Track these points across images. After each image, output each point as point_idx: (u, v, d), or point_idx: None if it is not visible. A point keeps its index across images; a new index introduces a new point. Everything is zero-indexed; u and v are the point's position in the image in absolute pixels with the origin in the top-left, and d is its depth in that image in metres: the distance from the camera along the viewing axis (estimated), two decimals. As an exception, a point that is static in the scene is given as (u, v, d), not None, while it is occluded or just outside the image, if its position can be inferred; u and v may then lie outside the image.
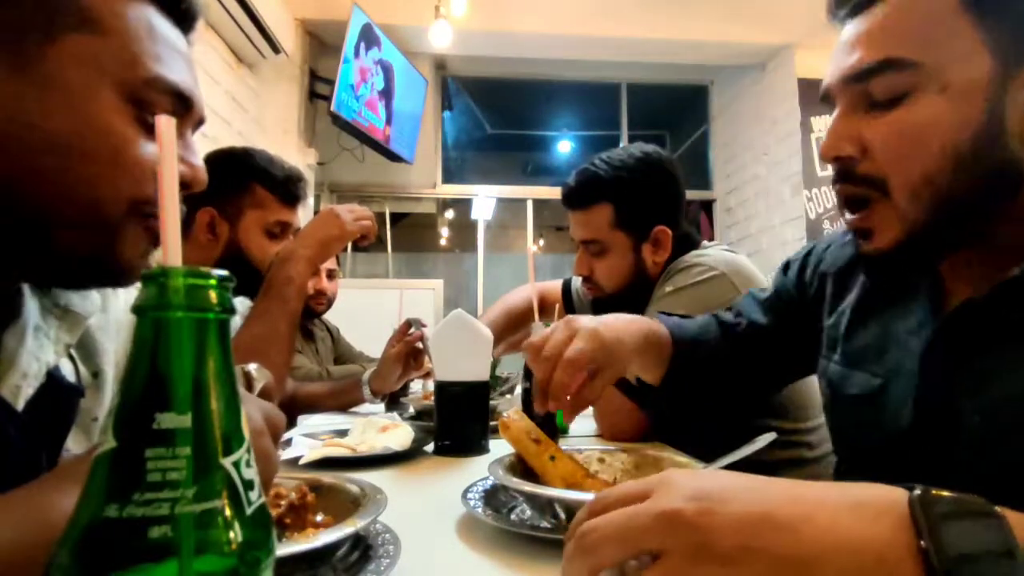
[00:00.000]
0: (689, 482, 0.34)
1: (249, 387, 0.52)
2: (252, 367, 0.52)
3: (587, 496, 0.58)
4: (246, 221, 1.17)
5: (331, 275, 2.09)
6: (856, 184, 0.56)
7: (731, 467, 0.65)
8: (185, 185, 0.52)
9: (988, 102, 0.50)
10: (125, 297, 0.65)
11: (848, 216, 0.59)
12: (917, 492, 0.32)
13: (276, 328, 0.95)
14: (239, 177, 1.17)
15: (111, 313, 0.62)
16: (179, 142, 0.52)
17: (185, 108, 0.52)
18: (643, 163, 1.17)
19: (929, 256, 0.58)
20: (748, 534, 0.31)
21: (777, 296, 0.86)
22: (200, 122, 0.57)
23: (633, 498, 0.35)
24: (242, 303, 1.34)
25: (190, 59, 0.54)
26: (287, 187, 1.19)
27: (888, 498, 0.33)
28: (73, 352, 0.56)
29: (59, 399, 0.52)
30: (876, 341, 0.65)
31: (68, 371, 0.55)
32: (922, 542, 0.30)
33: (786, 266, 0.86)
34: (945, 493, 0.32)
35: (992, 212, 0.53)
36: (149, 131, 0.49)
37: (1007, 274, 0.51)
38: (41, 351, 0.50)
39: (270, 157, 1.21)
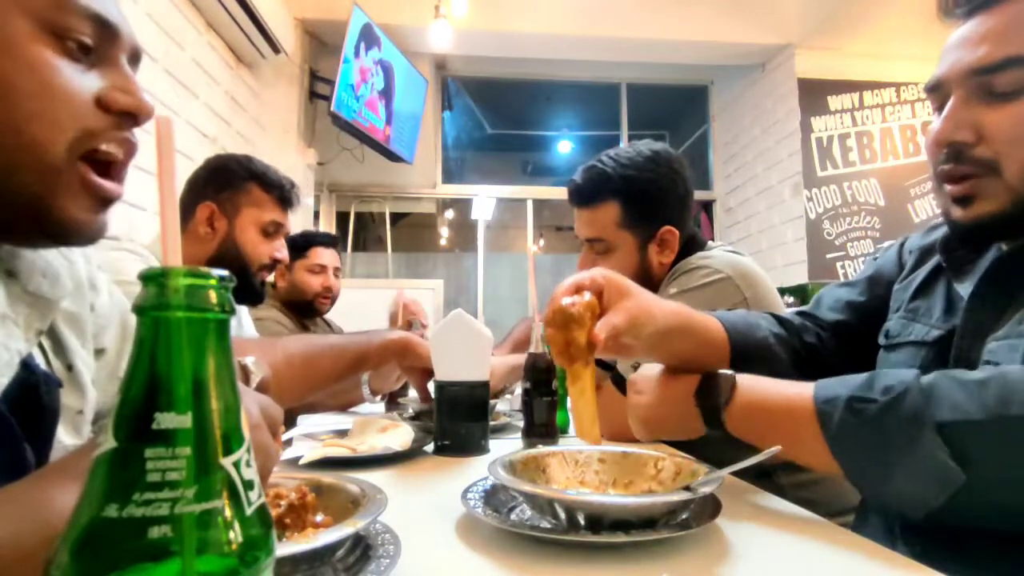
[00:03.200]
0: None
1: (246, 380, 0.52)
2: (249, 360, 0.52)
3: (586, 496, 0.58)
4: (243, 218, 1.25)
5: (336, 273, 2.11)
6: (967, 165, 0.62)
7: (738, 473, 0.66)
8: (131, 116, 0.50)
9: None
10: (108, 289, 0.64)
11: (948, 187, 0.64)
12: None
13: (340, 360, 1.02)
14: (240, 177, 1.26)
15: (93, 309, 0.61)
16: (115, 71, 0.50)
17: (110, 36, 0.50)
18: (652, 162, 1.15)
19: (1019, 230, 0.64)
20: (645, 398, 0.76)
21: (873, 280, 0.89)
22: (135, 56, 0.54)
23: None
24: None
25: None
26: (283, 191, 1.30)
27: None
28: (43, 343, 0.55)
29: (37, 389, 0.51)
30: (942, 302, 0.72)
31: (40, 363, 0.54)
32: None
33: (875, 260, 0.92)
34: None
35: None
36: (77, 61, 0.47)
37: None
38: (11, 340, 0.49)
39: (267, 165, 1.33)
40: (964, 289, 0.69)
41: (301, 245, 2.00)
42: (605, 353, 0.73)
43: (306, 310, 2.03)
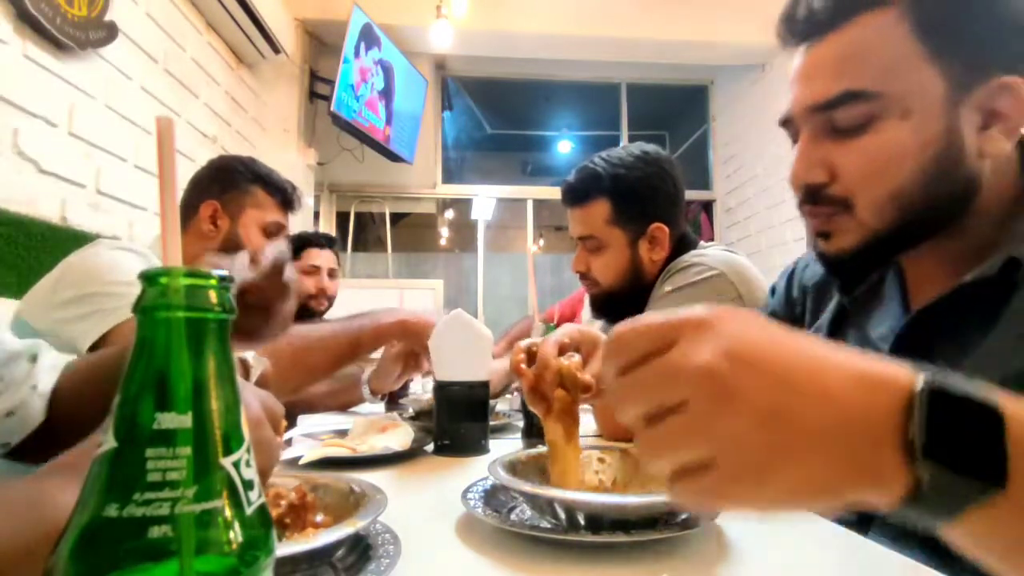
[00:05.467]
0: (721, 332, 0.33)
1: (246, 375, 0.52)
2: (249, 355, 0.52)
3: (586, 496, 0.58)
4: (246, 218, 1.27)
5: (332, 274, 2.11)
6: (823, 205, 0.60)
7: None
8: None
9: (945, 124, 0.54)
10: None
11: (810, 220, 0.62)
12: (922, 384, 0.31)
13: (331, 351, 1.05)
14: (244, 179, 1.29)
15: None
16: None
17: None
18: (641, 160, 1.17)
19: (885, 259, 0.63)
20: (775, 398, 0.31)
21: (772, 313, 0.87)
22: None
23: (658, 339, 0.34)
24: None
25: None
26: (285, 193, 1.33)
27: (900, 382, 0.32)
28: None
29: None
30: (855, 348, 0.67)
31: None
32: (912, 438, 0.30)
33: (772, 290, 0.88)
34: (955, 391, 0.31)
35: (950, 221, 0.57)
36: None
37: (961, 280, 0.55)
38: None
39: (270, 168, 1.36)
40: (874, 330, 0.66)
41: (296, 246, 2.00)
42: (591, 401, 0.73)
43: (300, 312, 2.04)
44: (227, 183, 1.28)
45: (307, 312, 2.05)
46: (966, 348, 0.54)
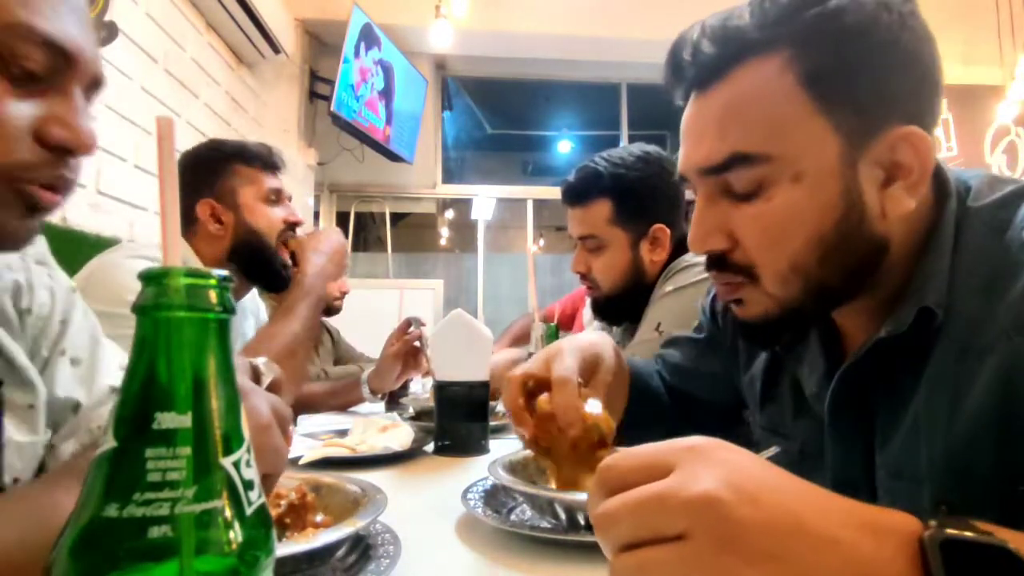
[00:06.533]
0: (720, 461, 0.32)
1: (257, 381, 0.51)
2: (260, 361, 0.52)
3: (586, 496, 0.58)
4: (244, 199, 1.21)
5: None
6: (728, 273, 0.55)
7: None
8: (68, 150, 0.46)
9: (843, 184, 0.49)
10: (50, 286, 0.61)
11: (720, 287, 0.58)
12: (929, 533, 0.31)
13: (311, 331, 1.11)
14: (219, 164, 1.22)
15: (30, 311, 0.58)
16: (62, 101, 0.46)
17: (66, 64, 0.45)
18: (642, 161, 1.17)
19: (800, 325, 0.59)
20: (780, 539, 0.30)
21: (709, 345, 0.85)
22: (96, 84, 0.49)
23: (653, 469, 0.33)
24: (253, 300, 1.37)
25: (83, 11, 0.48)
26: (264, 159, 1.26)
27: (906, 530, 0.32)
28: None
29: None
30: (790, 404, 0.66)
31: None
32: None
33: (703, 310, 0.87)
34: (966, 533, 0.30)
35: (860, 285, 0.53)
36: (21, 86, 0.43)
37: (877, 335, 0.51)
38: None
39: (240, 141, 1.29)
40: (806, 386, 0.63)
41: None
42: None
43: (326, 311, 2.09)
44: (208, 174, 1.21)
45: (330, 312, 2.11)
46: (899, 409, 0.52)
